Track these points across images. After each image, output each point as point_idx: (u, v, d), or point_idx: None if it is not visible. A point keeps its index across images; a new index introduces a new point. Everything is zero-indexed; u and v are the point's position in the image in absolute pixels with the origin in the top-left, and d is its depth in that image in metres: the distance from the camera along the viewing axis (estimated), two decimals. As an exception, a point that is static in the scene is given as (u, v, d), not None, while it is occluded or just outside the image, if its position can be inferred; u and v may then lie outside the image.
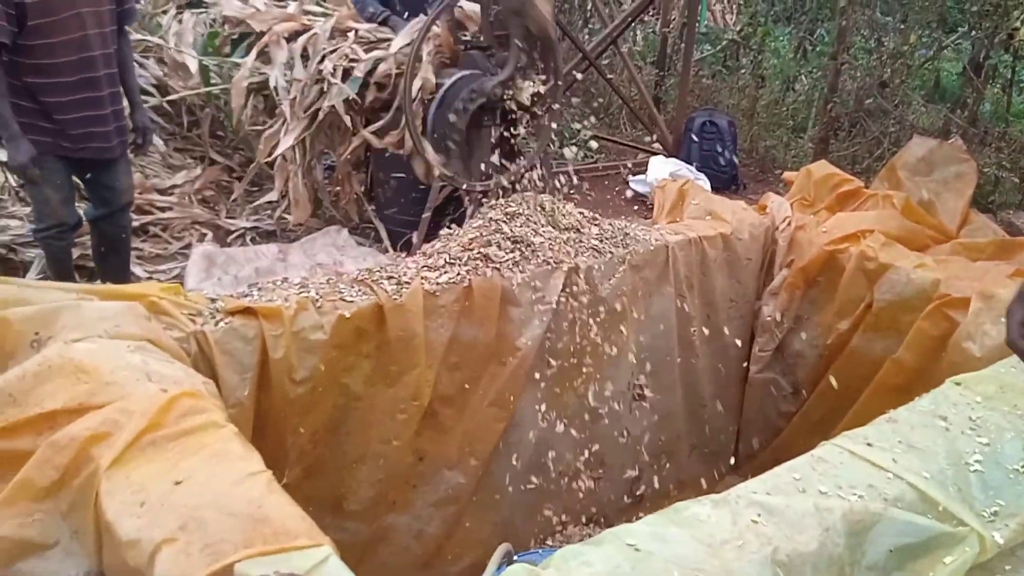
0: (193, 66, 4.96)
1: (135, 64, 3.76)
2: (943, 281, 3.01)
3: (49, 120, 3.21)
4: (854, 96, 6.31)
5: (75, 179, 3.49)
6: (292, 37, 4.33)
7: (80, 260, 3.83)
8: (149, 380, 1.71)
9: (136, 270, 3.87)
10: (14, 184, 4.31)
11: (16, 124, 3.11)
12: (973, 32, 5.76)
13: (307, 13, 4.57)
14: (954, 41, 6.44)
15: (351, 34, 4.26)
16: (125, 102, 3.50)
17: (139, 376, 1.71)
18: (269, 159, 4.30)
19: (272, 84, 4.06)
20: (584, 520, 3.19)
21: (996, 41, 5.33)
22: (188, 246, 4.14)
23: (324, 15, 4.58)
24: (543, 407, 2.91)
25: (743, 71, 8.20)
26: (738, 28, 8.83)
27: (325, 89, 4.11)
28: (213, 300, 2.21)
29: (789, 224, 3.56)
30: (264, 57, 4.38)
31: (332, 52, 4.15)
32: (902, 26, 6.23)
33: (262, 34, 4.43)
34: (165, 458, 1.51)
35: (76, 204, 3.54)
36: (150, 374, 1.73)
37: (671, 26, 8.39)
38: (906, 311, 3.09)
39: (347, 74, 4.13)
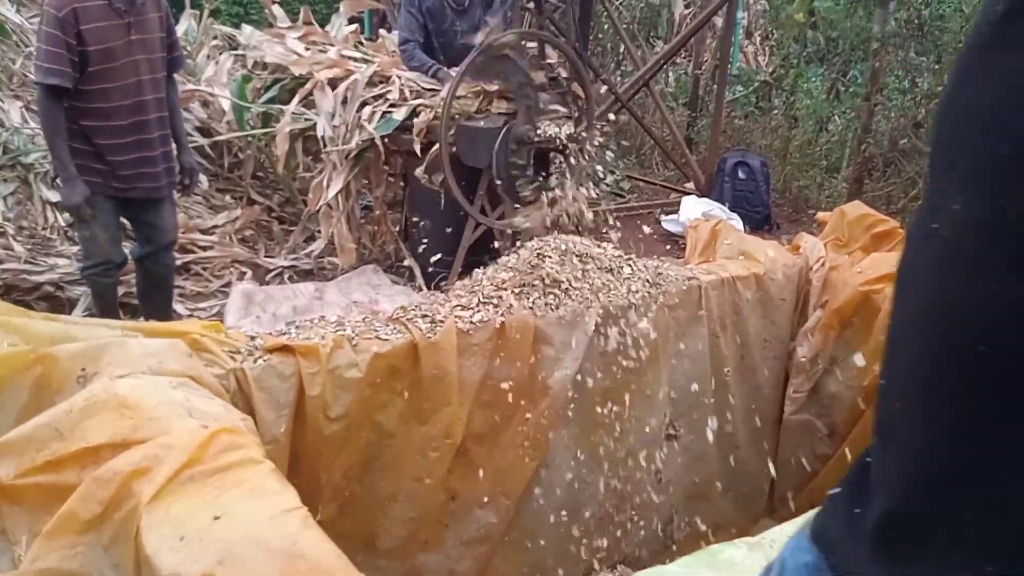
0: (227, 106, 5.10)
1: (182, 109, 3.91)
2: (980, 322, 2.97)
3: (102, 162, 3.35)
4: (888, 136, 6.30)
5: (122, 219, 3.60)
6: (333, 83, 4.43)
7: (125, 298, 3.92)
8: (190, 416, 1.75)
9: (178, 307, 3.95)
10: (63, 224, 4.44)
11: (73, 166, 3.24)
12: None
13: (348, 58, 4.67)
14: (989, 80, 6.40)
15: (396, 80, 4.34)
16: (173, 144, 3.62)
17: (180, 412, 1.75)
18: (316, 208, 4.39)
19: (320, 133, 4.15)
20: (617, 560, 3.16)
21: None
22: (228, 284, 4.22)
23: (365, 60, 4.69)
24: (576, 447, 2.90)
25: (775, 112, 8.22)
26: (770, 69, 8.88)
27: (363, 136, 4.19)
28: (252, 338, 2.25)
29: (823, 264, 3.55)
30: (306, 102, 4.48)
31: (374, 98, 4.24)
32: (936, 66, 6.23)
33: (299, 79, 4.53)
34: (204, 493, 1.54)
35: (123, 243, 3.65)
36: (191, 410, 1.77)
37: (703, 68, 8.46)
38: (942, 352, 3.04)
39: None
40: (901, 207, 5.90)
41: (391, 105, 4.21)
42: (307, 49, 4.85)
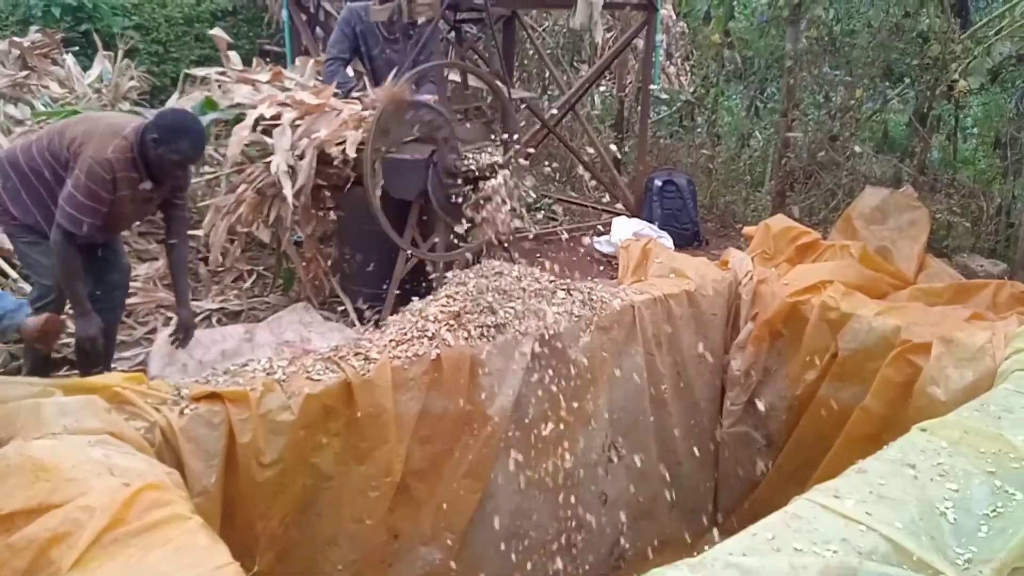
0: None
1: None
2: (904, 327, 3.07)
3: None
4: (807, 150, 6.48)
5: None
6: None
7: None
8: (111, 474, 1.68)
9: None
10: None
11: (88, 303, 3.22)
12: (915, 85, 5.97)
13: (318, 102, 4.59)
14: (899, 93, 6.66)
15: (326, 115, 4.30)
16: None
17: (100, 471, 1.68)
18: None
19: (273, 169, 4.09)
20: (567, 587, 3.14)
21: (938, 92, 5.54)
22: (154, 330, 4.09)
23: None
24: (519, 475, 2.88)
25: (699, 130, 8.40)
26: (692, 89, 9.08)
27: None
28: (177, 387, 2.18)
29: (751, 278, 3.62)
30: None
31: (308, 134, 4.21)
32: (849, 78, 6.45)
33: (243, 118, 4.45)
34: (128, 555, 1.48)
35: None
36: (112, 468, 1.70)
37: (627, 90, 8.61)
38: (870, 359, 3.13)
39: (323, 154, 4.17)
40: (822, 218, 6.07)
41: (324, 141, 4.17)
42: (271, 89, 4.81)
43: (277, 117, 4.31)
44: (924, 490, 1.80)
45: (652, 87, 7.21)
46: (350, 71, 4.96)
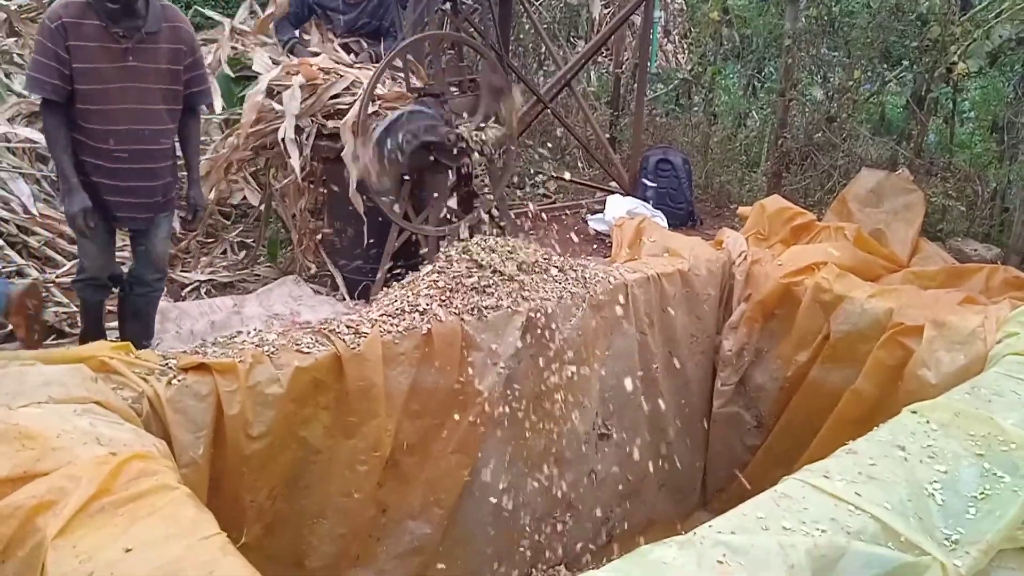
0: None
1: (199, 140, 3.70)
2: (896, 310, 3.06)
3: (90, 180, 3.19)
4: (803, 131, 6.46)
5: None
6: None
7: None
8: (98, 443, 1.67)
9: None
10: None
11: (75, 177, 3.12)
12: (914, 67, 5.95)
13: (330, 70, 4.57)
14: (897, 75, 6.64)
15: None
16: (173, 176, 3.45)
17: (87, 440, 1.66)
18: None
19: (281, 135, 4.06)
20: (555, 564, 3.15)
21: (936, 75, 5.51)
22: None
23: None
24: (508, 451, 2.88)
25: (696, 109, 8.36)
26: (689, 67, 9.03)
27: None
28: (165, 357, 2.16)
29: (745, 258, 3.61)
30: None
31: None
32: (847, 60, 6.42)
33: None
34: (114, 524, 1.47)
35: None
36: (99, 437, 1.69)
37: (623, 67, 8.55)
38: (862, 341, 3.13)
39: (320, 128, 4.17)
40: (818, 199, 6.06)
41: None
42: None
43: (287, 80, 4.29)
44: (913, 471, 1.81)
45: (649, 64, 7.16)
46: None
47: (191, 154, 3.48)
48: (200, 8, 6.04)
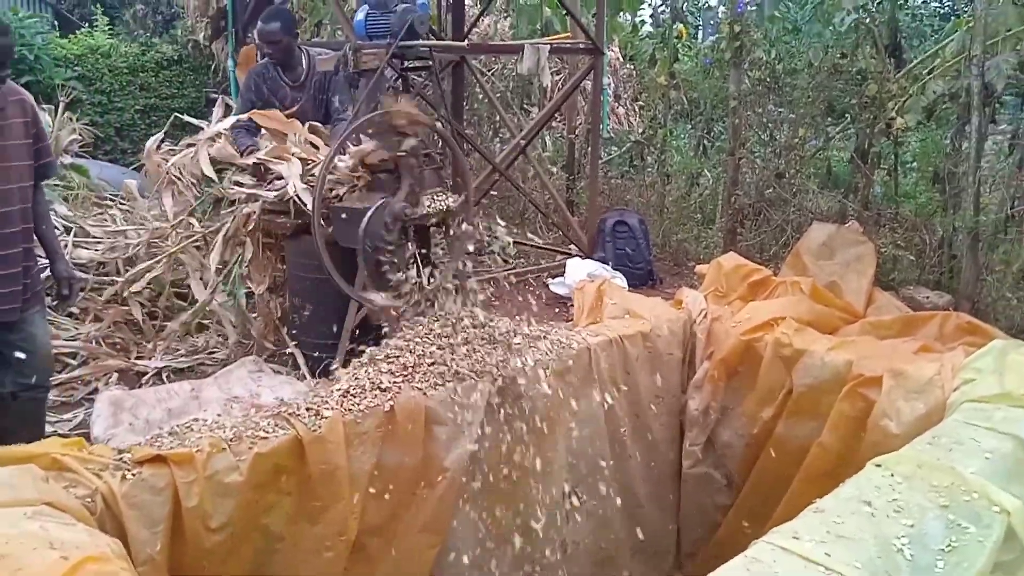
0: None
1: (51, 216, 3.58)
2: (855, 361, 3.11)
3: None
4: (755, 187, 6.61)
5: None
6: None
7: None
8: (50, 548, 1.60)
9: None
10: None
11: None
12: (856, 122, 6.14)
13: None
14: (841, 130, 6.85)
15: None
16: (37, 259, 3.29)
17: (37, 544, 1.60)
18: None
19: (292, 192, 4.07)
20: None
21: (877, 130, 5.70)
22: (95, 391, 3.96)
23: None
24: (478, 524, 2.83)
25: (649, 170, 8.52)
26: (641, 129, 9.23)
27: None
28: (120, 451, 2.10)
29: (705, 316, 3.65)
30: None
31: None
32: (792, 116, 6.62)
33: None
34: (65, 635, 1.40)
35: None
36: (51, 541, 1.63)
37: (576, 131, 8.72)
38: (825, 394, 3.16)
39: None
40: (773, 254, 6.16)
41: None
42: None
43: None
44: (880, 527, 1.81)
45: (601, 128, 7.31)
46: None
47: (46, 229, 3.36)
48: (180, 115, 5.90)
